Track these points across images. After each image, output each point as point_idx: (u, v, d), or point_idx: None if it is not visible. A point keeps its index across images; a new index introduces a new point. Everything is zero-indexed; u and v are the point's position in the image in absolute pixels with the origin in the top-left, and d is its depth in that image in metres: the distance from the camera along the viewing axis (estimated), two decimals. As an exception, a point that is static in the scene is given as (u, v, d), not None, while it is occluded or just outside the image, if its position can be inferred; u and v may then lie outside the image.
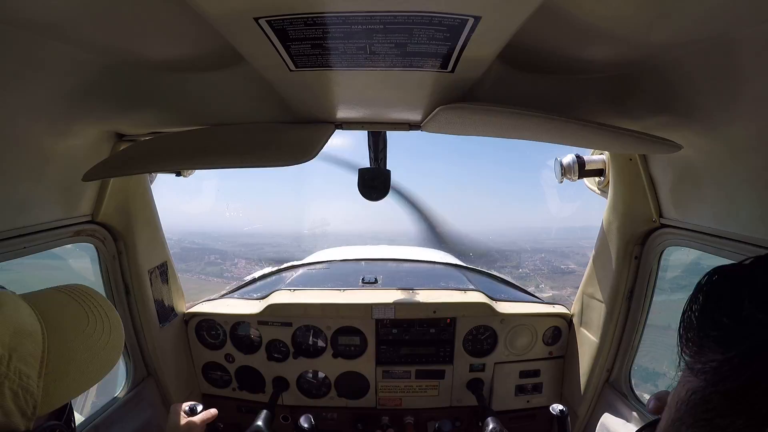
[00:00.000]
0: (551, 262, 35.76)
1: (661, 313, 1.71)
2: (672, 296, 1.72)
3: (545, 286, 27.77)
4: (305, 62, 0.83)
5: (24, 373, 0.62)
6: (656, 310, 1.66)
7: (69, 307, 0.75)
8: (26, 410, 0.63)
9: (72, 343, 0.71)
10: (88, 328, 0.74)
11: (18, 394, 0.61)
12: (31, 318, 0.67)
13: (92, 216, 1.53)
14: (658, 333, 1.78)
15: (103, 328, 0.76)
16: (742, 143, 0.98)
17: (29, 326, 0.65)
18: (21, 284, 0.81)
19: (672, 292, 1.72)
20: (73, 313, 0.74)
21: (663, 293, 1.66)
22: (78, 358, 0.71)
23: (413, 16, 0.67)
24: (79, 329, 0.73)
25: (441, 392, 2.08)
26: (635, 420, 1.61)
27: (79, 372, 0.71)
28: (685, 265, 1.67)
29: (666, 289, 1.67)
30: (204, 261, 32.38)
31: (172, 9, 0.77)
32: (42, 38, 0.87)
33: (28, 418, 0.63)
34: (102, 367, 0.75)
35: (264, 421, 1.71)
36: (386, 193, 1.62)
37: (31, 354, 0.64)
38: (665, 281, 1.65)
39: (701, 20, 0.75)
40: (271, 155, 1.18)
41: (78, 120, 1.21)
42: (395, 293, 2.05)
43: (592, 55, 0.99)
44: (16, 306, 0.66)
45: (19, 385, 0.61)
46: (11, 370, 0.61)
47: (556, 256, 36.96)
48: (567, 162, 1.68)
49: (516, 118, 0.98)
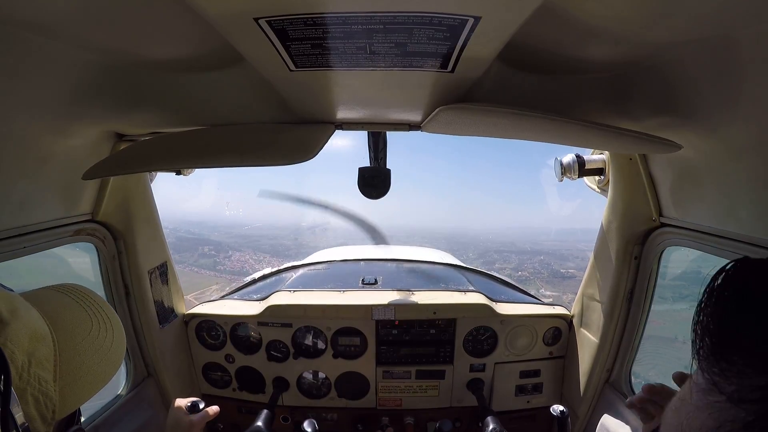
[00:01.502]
0: (551, 265, 35.73)
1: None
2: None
3: (545, 291, 27.70)
4: (305, 62, 0.83)
5: (43, 378, 0.61)
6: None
7: (71, 308, 0.74)
8: (46, 416, 0.62)
9: (80, 346, 0.70)
10: (92, 329, 0.73)
11: (39, 400, 0.60)
12: (40, 322, 0.65)
13: (92, 215, 1.53)
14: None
15: (107, 328, 0.76)
16: (742, 143, 0.98)
17: (41, 330, 0.64)
18: (21, 285, 0.80)
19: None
20: (76, 316, 0.73)
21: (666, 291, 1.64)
22: (87, 361, 0.70)
23: (413, 16, 0.67)
24: (84, 331, 0.72)
25: (441, 392, 2.07)
26: (635, 420, 1.61)
27: (90, 374, 0.70)
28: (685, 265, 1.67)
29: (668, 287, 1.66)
30: (197, 252, 31.87)
31: (172, 9, 0.77)
32: (42, 38, 0.87)
33: (48, 423, 0.62)
34: (110, 367, 0.74)
35: (264, 422, 1.70)
36: (386, 192, 1.62)
37: (46, 358, 0.63)
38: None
39: (701, 20, 0.75)
40: (271, 154, 1.18)
41: (78, 120, 1.20)
42: (395, 294, 2.05)
43: (592, 55, 0.99)
44: (27, 310, 0.65)
45: (39, 391, 0.60)
46: (32, 377, 0.60)
47: (556, 259, 36.93)
48: (567, 161, 1.68)
49: (516, 118, 0.98)
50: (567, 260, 35.27)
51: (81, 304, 0.75)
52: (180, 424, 1.39)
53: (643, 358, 1.74)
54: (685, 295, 1.74)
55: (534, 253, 40.08)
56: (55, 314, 0.69)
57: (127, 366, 1.80)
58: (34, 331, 0.62)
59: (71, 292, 0.77)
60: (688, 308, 1.71)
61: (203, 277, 23.07)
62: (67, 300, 0.75)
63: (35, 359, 0.60)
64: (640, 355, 1.75)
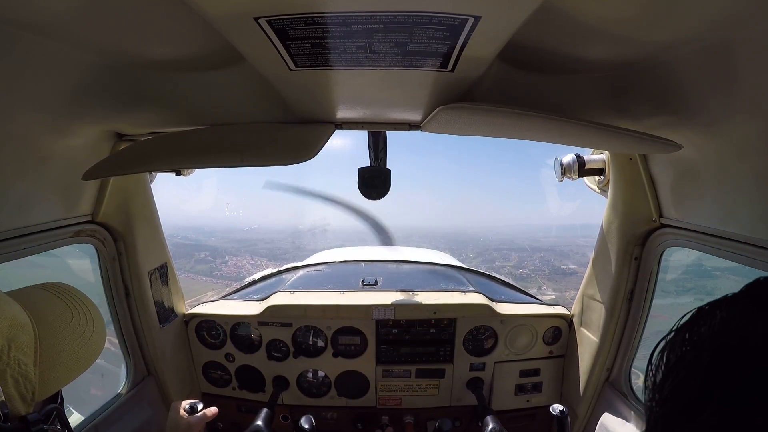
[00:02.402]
0: (551, 262, 35.49)
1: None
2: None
3: (547, 288, 27.55)
4: (305, 62, 0.83)
5: (22, 362, 0.68)
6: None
7: (52, 301, 0.82)
8: (26, 396, 0.69)
9: (60, 334, 0.77)
10: (73, 320, 0.81)
11: (18, 381, 0.67)
12: (21, 313, 0.73)
13: (92, 216, 1.53)
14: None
15: (87, 319, 0.83)
16: (742, 143, 0.98)
17: (21, 319, 0.71)
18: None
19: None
20: (57, 308, 0.81)
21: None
22: (68, 347, 0.77)
23: (413, 16, 0.67)
24: (65, 321, 0.80)
25: (441, 391, 2.08)
26: (635, 419, 1.61)
27: (70, 360, 0.77)
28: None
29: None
30: (194, 259, 31.93)
31: (172, 9, 0.77)
32: (42, 38, 0.86)
33: (27, 403, 0.70)
34: (91, 354, 0.81)
35: (264, 421, 1.71)
36: (386, 192, 1.62)
37: (26, 344, 0.70)
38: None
39: (701, 20, 0.75)
40: (272, 154, 1.18)
41: (78, 120, 1.20)
42: (395, 295, 2.05)
43: (592, 54, 0.99)
44: (8, 303, 0.72)
45: (18, 373, 0.67)
46: (11, 359, 0.66)
47: (555, 256, 36.71)
48: (567, 161, 1.68)
49: (516, 118, 0.98)
50: (567, 257, 35.07)
51: (62, 299, 0.83)
52: (179, 425, 1.40)
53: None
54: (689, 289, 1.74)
55: (534, 251, 39.83)
56: (37, 306, 0.77)
57: (127, 365, 1.80)
58: (13, 320, 0.69)
59: (53, 289, 0.85)
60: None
61: (200, 284, 23.06)
62: (48, 295, 0.83)
63: (15, 344, 0.67)
64: (641, 352, 1.75)
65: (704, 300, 0.44)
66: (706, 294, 3.20)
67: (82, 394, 1.86)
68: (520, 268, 33.78)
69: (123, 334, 1.75)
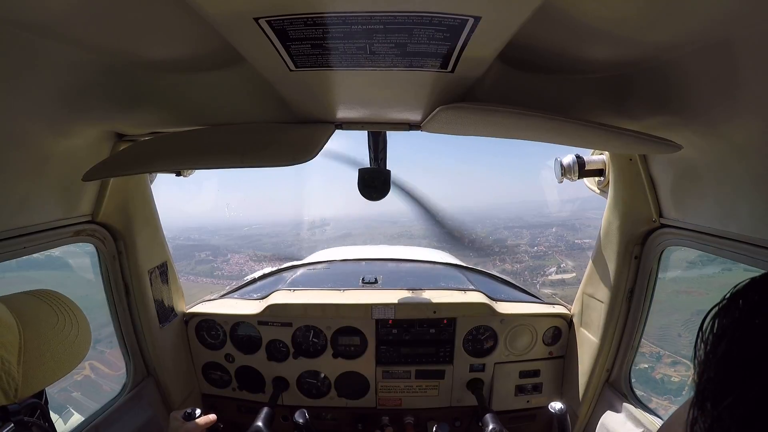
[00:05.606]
0: (565, 237, 34.15)
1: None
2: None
3: (567, 265, 26.78)
4: (305, 62, 0.83)
5: (6, 359, 0.73)
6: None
7: (39, 306, 0.86)
8: (8, 391, 0.74)
9: (45, 336, 0.81)
10: (58, 323, 0.85)
11: (1, 378, 0.72)
12: (7, 314, 0.77)
13: (92, 216, 1.53)
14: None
15: (72, 323, 0.87)
16: (742, 143, 0.98)
17: (7, 320, 0.76)
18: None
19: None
20: (44, 312, 0.85)
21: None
22: (52, 349, 0.81)
23: (413, 16, 0.67)
24: (50, 324, 0.84)
25: (441, 392, 2.08)
26: (635, 420, 1.61)
27: (54, 361, 0.81)
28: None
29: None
30: (195, 260, 31.72)
31: (172, 9, 0.77)
32: (42, 38, 0.86)
33: (9, 398, 0.74)
34: (74, 357, 0.85)
35: (264, 421, 1.71)
36: (386, 193, 1.62)
37: (11, 343, 0.74)
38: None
39: (701, 20, 0.75)
40: (272, 155, 1.18)
41: (78, 120, 1.21)
42: (395, 293, 2.05)
43: (592, 55, 0.99)
44: None
45: (2, 369, 0.72)
46: None
47: (568, 230, 35.29)
48: (567, 162, 1.68)
49: (516, 118, 0.98)
50: (579, 231, 33.80)
51: (49, 303, 0.88)
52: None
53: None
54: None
55: (545, 226, 38.29)
56: (23, 309, 0.82)
57: (127, 366, 1.80)
58: None
59: (41, 295, 0.89)
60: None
61: (200, 286, 22.97)
62: (36, 300, 0.87)
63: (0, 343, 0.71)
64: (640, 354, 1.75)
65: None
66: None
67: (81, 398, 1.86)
68: (536, 246, 32.56)
69: (123, 334, 1.75)
